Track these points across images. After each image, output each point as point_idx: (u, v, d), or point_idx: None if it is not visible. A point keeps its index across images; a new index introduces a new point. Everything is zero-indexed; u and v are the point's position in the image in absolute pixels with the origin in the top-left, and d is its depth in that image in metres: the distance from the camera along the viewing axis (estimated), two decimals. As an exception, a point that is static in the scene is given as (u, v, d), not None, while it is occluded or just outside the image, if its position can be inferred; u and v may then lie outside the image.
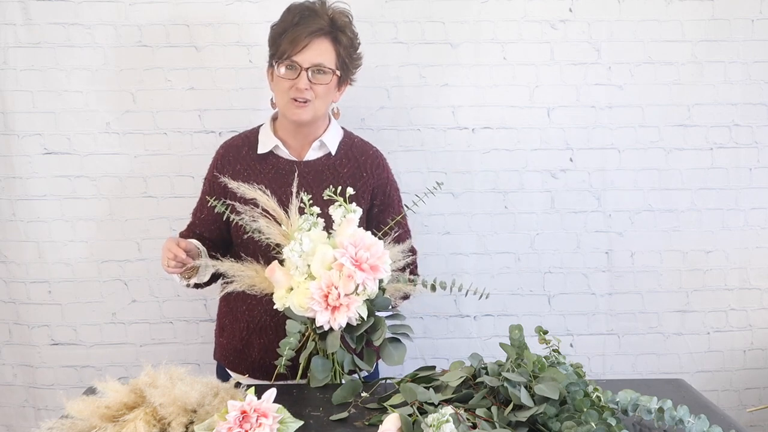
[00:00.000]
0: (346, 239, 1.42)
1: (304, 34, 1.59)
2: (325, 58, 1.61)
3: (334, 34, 1.63)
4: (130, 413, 1.22)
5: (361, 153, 1.76)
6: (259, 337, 1.71)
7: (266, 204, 1.53)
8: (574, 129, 2.21)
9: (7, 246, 2.18)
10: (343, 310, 1.39)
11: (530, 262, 2.26)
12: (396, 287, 1.54)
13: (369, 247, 1.42)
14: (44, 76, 2.10)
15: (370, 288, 1.40)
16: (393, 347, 1.48)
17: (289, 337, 1.42)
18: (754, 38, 2.18)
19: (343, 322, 1.39)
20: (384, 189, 1.76)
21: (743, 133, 2.23)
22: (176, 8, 2.09)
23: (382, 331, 1.44)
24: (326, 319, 1.39)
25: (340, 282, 1.39)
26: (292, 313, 1.43)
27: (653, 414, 1.25)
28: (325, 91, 1.64)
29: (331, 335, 1.42)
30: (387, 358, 1.46)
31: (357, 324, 1.42)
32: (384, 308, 1.48)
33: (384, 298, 1.47)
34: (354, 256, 1.40)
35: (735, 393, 2.34)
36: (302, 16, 1.62)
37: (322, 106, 1.66)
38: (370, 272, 1.40)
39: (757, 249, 2.28)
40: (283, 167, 1.71)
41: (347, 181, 1.70)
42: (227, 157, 1.75)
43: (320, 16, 1.62)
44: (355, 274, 1.38)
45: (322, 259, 1.41)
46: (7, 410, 2.29)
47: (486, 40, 2.15)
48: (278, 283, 1.46)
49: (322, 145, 1.72)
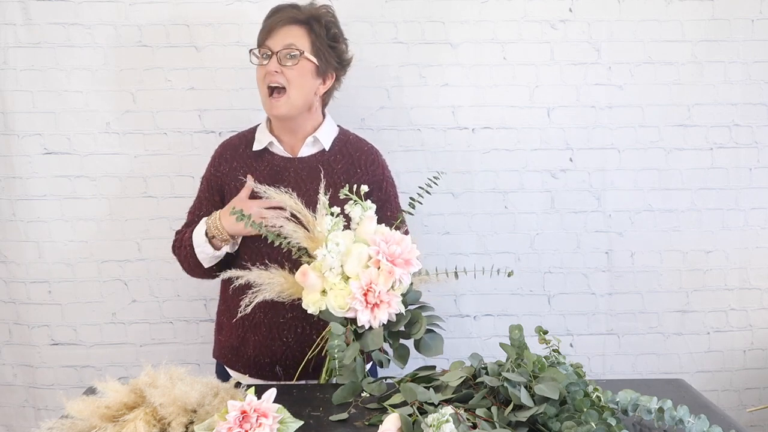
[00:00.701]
0: (377, 236, 1.42)
1: (277, 21, 1.64)
2: (295, 41, 1.63)
3: (308, 23, 1.65)
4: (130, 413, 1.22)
5: (356, 149, 1.76)
6: (254, 335, 1.71)
7: (293, 208, 1.53)
8: (574, 129, 2.21)
9: (7, 246, 2.18)
10: (384, 307, 1.39)
11: (530, 262, 2.26)
12: (420, 279, 1.54)
13: (399, 242, 1.43)
14: (44, 76, 2.10)
15: (405, 282, 1.41)
16: (430, 338, 1.48)
17: (334, 339, 1.40)
18: (754, 38, 2.18)
19: (384, 319, 1.40)
20: (380, 185, 1.76)
21: (743, 133, 2.23)
22: (176, 8, 2.09)
23: (421, 324, 1.44)
24: (368, 318, 1.39)
25: (380, 279, 1.39)
26: (329, 315, 1.42)
27: (653, 414, 1.25)
28: (297, 75, 1.63)
29: (372, 333, 1.41)
30: (425, 350, 1.46)
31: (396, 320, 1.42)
32: (415, 301, 1.49)
33: (414, 292, 1.47)
34: (388, 252, 1.41)
35: (735, 393, 2.34)
36: (279, 9, 1.67)
37: (297, 95, 1.64)
38: (404, 266, 1.41)
39: (757, 249, 2.28)
40: (277, 164, 1.72)
41: (341, 177, 1.70)
42: (224, 155, 1.76)
43: (298, 9, 1.66)
44: (394, 270, 1.39)
45: (358, 258, 1.41)
46: (7, 410, 2.29)
47: (486, 40, 2.15)
48: (311, 286, 1.45)
49: (315, 141, 1.73)
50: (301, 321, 1.66)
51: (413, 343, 1.48)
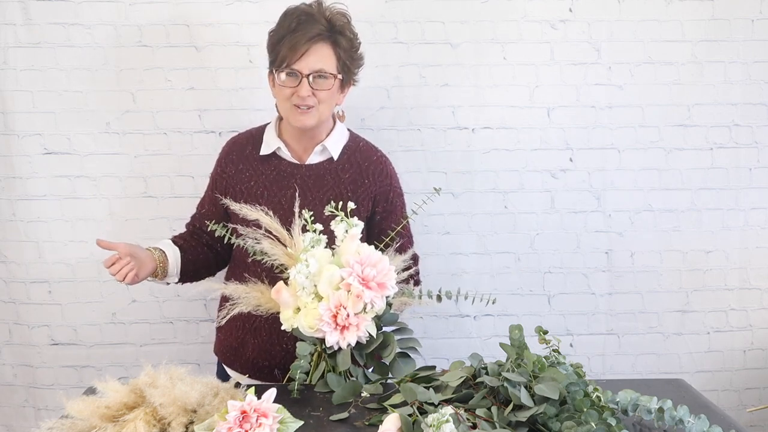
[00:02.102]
0: (352, 257, 1.41)
1: (303, 41, 1.56)
2: (326, 63, 1.59)
3: (333, 38, 1.60)
4: (130, 413, 1.22)
5: (365, 159, 1.74)
6: (254, 338, 1.71)
7: (269, 225, 1.52)
8: (574, 129, 2.21)
9: (7, 246, 2.18)
10: (353, 330, 1.39)
11: (530, 262, 2.26)
12: (401, 301, 1.54)
13: (375, 264, 1.41)
14: (44, 76, 2.10)
15: (378, 305, 1.40)
16: (403, 362, 1.48)
17: (300, 359, 1.41)
18: (754, 38, 2.18)
19: (353, 341, 1.39)
20: (386, 196, 1.74)
21: (743, 133, 2.23)
22: (176, 8, 2.09)
23: (392, 347, 1.44)
24: (336, 339, 1.39)
25: (348, 302, 1.38)
26: (300, 333, 1.42)
27: (653, 414, 1.25)
28: (328, 96, 1.62)
29: (342, 354, 1.42)
30: (396, 373, 1.46)
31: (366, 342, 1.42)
32: (391, 323, 1.48)
33: (391, 314, 1.47)
34: (361, 274, 1.39)
35: (735, 393, 2.34)
36: (299, 22, 1.58)
37: (326, 110, 1.64)
38: (377, 290, 1.40)
39: (757, 249, 2.28)
40: (284, 170, 1.70)
41: (348, 186, 1.69)
42: (231, 156, 1.75)
43: (318, 20, 1.58)
44: (363, 293, 1.38)
45: (329, 279, 1.40)
46: (7, 410, 2.29)
47: (486, 40, 2.15)
48: (285, 304, 1.45)
49: (324, 150, 1.70)
50: None
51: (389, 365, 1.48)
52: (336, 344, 1.40)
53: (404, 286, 1.54)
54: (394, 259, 1.53)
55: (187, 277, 1.74)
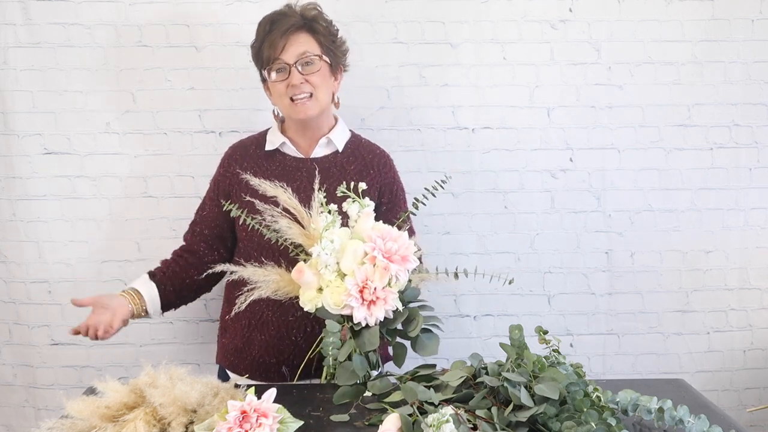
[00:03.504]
0: (373, 233, 1.42)
1: (279, 35, 1.62)
2: (308, 47, 1.64)
3: (308, 26, 1.66)
4: (130, 413, 1.22)
5: (368, 152, 1.78)
6: (261, 334, 1.70)
7: (287, 203, 1.53)
8: (574, 129, 2.21)
9: (7, 246, 2.18)
10: (380, 304, 1.39)
11: (530, 262, 2.26)
12: (421, 277, 1.54)
13: (396, 239, 1.42)
14: (44, 76, 2.10)
15: (402, 279, 1.41)
16: (426, 338, 1.48)
17: (329, 336, 1.41)
18: (754, 38, 2.18)
19: (381, 315, 1.39)
20: (391, 188, 1.78)
21: (743, 133, 2.23)
22: (176, 8, 2.09)
23: (417, 322, 1.44)
24: (363, 314, 1.39)
25: (375, 275, 1.38)
26: (325, 312, 1.42)
27: (653, 414, 1.25)
28: (321, 79, 1.65)
29: (368, 331, 1.41)
30: (421, 350, 1.46)
31: (393, 317, 1.42)
32: (413, 299, 1.48)
33: (413, 289, 1.47)
34: (384, 248, 1.40)
35: (735, 393, 2.34)
36: (272, 22, 1.65)
37: (324, 96, 1.67)
38: (401, 263, 1.41)
39: (757, 249, 2.28)
40: (290, 164, 1.72)
41: (354, 178, 1.70)
42: (234, 156, 1.77)
43: (290, 16, 1.65)
44: (389, 266, 1.38)
45: (354, 254, 1.41)
46: (7, 410, 2.29)
47: (486, 40, 2.15)
48: (307, 283, 1.45)
49: (329, 143, 1.74)
50: (311, 319, 1.64)
51: (410, 343, 1.48)
52: (364, 320, 1.39)
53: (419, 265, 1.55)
54: None
55: (170, 306, 1.76)
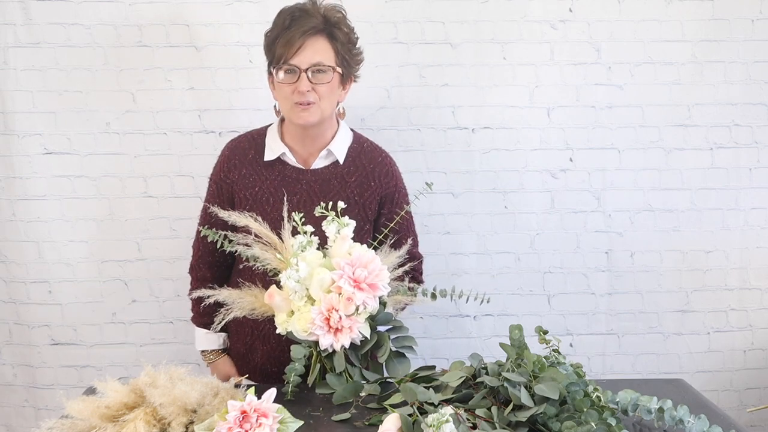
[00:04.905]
0: (342, 259, 1.40)
1: (298, 35, 1.54)
2: (323, 57, 1.56)
3: (329, 31, 1.58)
4: (130, 413, 1.22)
5: (370, 161, 1.71)
6: (263, 344, 1.70)
7: (259, 231, 1.51)
8: (574, 129, 2.21)
9: (7, 246, 2.18)
10: (346, 332, 1.38)
11: (530, 262, 2.26)
12: (396, 299, 1.53)
13: (366, 265, 1.40)
14: (44, 76, 2.10)
15: (371, 306, 1.40)
16: (398, 362, 1.48)
17: (294, 363, 1.42)
18: (754, 38, 2.18)
19: (346, 343, 1.39)
20: (392, 197, 1.73)
21: (743, 133, 2.23)
22: (176, 8, 2.09)
23: (386, 348, 1.44)
24: (330, 341, 1.39)
25: (340, 305, 1.37)
26: (295, 336, 1.42)
27: (653, 414, 1.25)
28: (329, 90, 1.58)
29: (336, 355, 1.41)
30: (392, 373, 1.46)
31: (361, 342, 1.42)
32: (386, 323, 1.48)
33: (385, 314, 1.47)
34: (352, 276, 1.38)
35: (735, 393, 2.34)
36: (293, 18, 1.57)
37: (328, 107, 1.61)
38: (369, 291, 1.39)
39: (757, 249, 2.28)
40: (289, 175, 1.67)
41: (355, 190, 1.68)
42: (233, 160, 1.70)
43: (312, 15, 1.57)
44: (354, 295, 1.37)
45: (320, 283, 1.40)
46: (7, 410, 2.29)
47: (486, 40, 2.15)
48: (278, 307, 1.45)
49: (329, 154, 1.68)
50: None
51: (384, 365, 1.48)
52: (330, 347, 1.40)
53: (399, 284, 1.53)
54: (389, 256, 1.53)
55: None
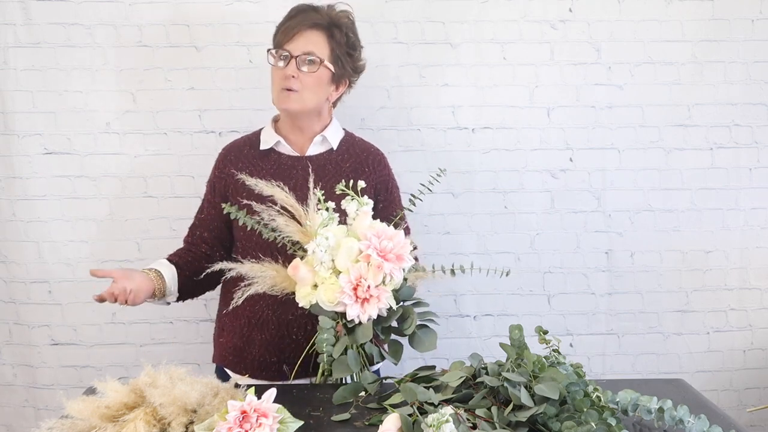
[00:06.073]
0: (369, 231, 1.42)
1: (298, 25, 1.62)
2: (316, 48, 1.63)
3: (329, 29, 1.64)
4: (130, 413, 1.22)
5: (362, 150, 1.78)
6: (261, 333, 1.70)
7: (284, 201, 1.53)
8: (574, 129, 2.21)
9: (7, 246, 2.18)
10: (374, 302, 1.39)
11: (530, 262, 2.26)
12: (416, 275, 1.54)
13: (392, 238, 1.42)
14: (44, 76, 2.10)
15: (396, 277, 1.41)
16: (423, 334, 1.48)
17: (323, 333, 1.41)
18: (754, 38, 2.18)
19: (373, 313, 1.39)
20: (386, 185, 1.78)
21: (743, 133, 2.23)
22: (176, 8, 2.09)
23: (412, 320, 1.44)
24: (357, 312, 1.39)
25: (369, 273, 1.38)
26: (319, 309, 1.42)
27: (653, 414, 1.25)
28: (314, 82, 1.64)
29: (361, 328, 1.41)
30: (418, 345, 1.46)
31: (386, 315, 1.42)
32: (408, 297, 1.48)
33: (408, 288, 1.47)
34: (379, 246, 1.40)
35: (735, 393, 2.34)
36: (300, 11, 1.65)
37: (311, 98, 1.65)
38: (395, 262, 1.41)
39: (757, 249, 2.28)
40: (285, 162, 1.72)
41: (350, 175, 1.70)
42: (229, 157, 1.75)
43: (319, 13, 1.64)
44: (383, 264, 1.38)
45: (348, 252, 1.41)
46: (7, 410, 2.29)
47: (486, 40, 2.15)
48: (303, 280, 1.45)
49: (323, 141, 1.74)
50: (311, 317, 1.63)
51: (407, 339, 1.48)
52: (357, 317, 1.39)
53: (416, 263, 1.55)
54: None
55: (186, 293, 1.74)
